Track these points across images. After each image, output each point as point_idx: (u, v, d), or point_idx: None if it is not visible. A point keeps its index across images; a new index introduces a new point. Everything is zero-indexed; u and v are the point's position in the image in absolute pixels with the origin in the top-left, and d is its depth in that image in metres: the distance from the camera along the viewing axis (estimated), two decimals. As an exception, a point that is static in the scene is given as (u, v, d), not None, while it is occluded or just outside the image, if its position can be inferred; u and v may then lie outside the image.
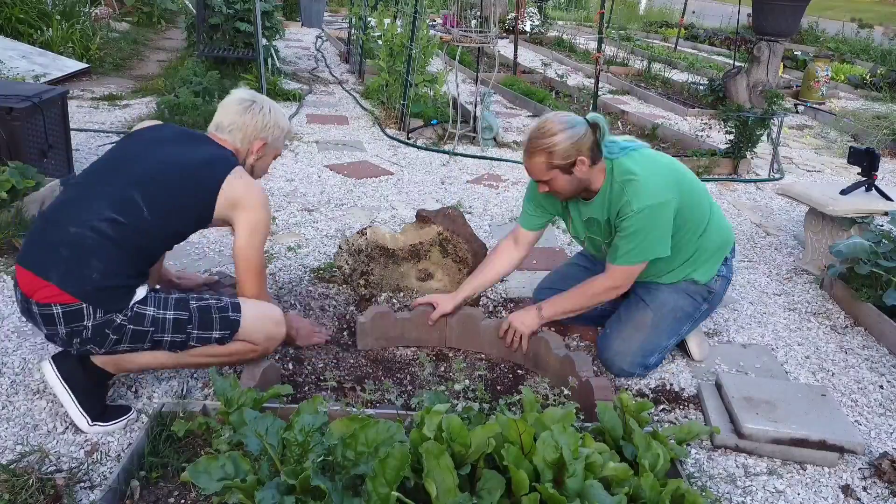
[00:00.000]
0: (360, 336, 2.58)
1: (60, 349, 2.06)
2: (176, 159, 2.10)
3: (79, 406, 2.02)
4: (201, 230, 2.24)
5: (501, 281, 3.21)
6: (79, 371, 2.03)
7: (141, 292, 2.01)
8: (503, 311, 2.92)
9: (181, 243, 2.22)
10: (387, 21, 6.19)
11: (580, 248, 2.82)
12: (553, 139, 2.25)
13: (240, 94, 2.30)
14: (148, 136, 2.19)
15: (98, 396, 2.07)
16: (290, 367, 2.41)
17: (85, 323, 1.92)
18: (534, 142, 2.28)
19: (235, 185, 2.10)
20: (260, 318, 2.17)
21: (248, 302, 2.17)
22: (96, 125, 5.15)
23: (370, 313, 2.57)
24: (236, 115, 2.24)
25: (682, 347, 2.70)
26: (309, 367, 2.42)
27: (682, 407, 2.37)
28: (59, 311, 1.90)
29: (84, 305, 1.91)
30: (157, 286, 2.35)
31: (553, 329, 2.59)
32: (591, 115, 2.34)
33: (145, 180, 2.03)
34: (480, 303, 2.92)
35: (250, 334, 2.15)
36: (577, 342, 2.73)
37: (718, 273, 2.58)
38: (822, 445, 2.09)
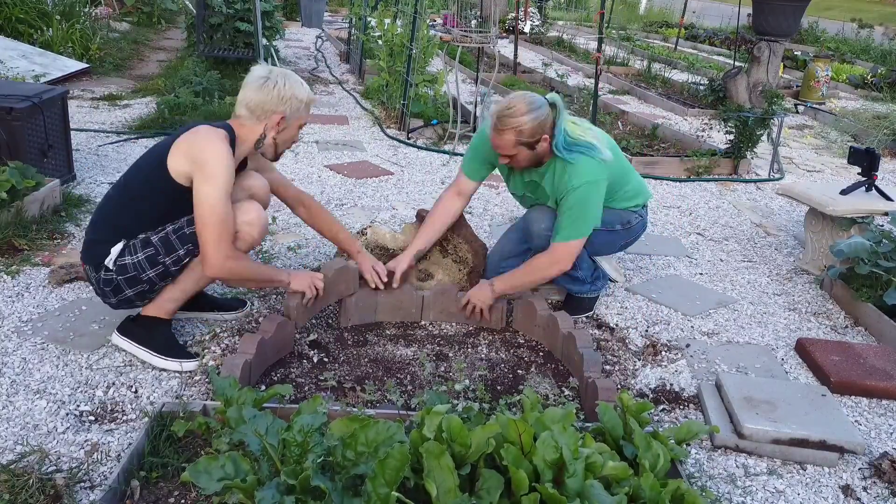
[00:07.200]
0: (425, 311, 2.78)
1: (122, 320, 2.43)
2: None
3: (148, 351, 2.34)
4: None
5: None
6: (133, 325, 2.37)
7: (117, 249, 2.24)
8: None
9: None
10: (387, 21, 6.18)
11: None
12: (522, 119, 2.44)
13: (257, 71, 2.32)
14: None
15: (161, 339, 2.35)
16: (291, 367, 2.41)
17: (92, 281, 2.32)
18: (504, 120, 2.46)
19: (192, 140, 2.20)
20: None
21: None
22: (96, 125, 5.15)
23: (435, 289, 2.77)
24: (252, 93, 2.29)
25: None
26: (308, 365, 2.42)
27: (682, 407, 2.37)
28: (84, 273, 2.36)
29: (86, 267, 2.31)
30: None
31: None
32: (550, 95, 2.55)
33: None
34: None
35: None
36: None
37: (635, 210, 2.85)
38: (822, 445, 2.09)
